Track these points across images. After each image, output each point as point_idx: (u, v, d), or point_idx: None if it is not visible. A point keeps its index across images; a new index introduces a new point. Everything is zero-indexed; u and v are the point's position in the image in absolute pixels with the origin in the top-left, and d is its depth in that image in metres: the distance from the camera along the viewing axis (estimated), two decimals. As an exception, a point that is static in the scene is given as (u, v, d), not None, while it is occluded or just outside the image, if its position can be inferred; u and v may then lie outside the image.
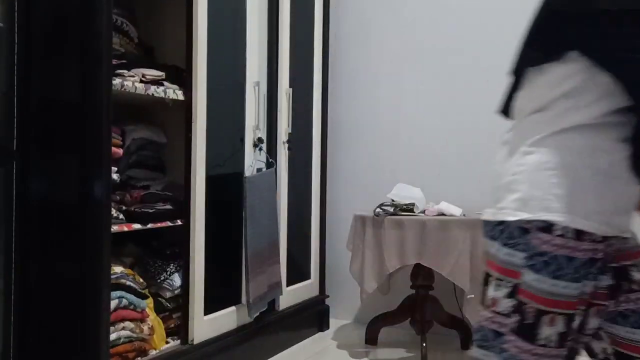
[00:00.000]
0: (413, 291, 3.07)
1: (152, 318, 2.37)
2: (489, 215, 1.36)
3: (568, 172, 1.24)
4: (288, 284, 3.14)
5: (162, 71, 2.45)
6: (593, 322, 1.30)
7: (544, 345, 1.25)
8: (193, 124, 2.45)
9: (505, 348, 1.28)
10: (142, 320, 2.29)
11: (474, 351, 1.38)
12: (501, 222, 1.32)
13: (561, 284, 1.23)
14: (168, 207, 2.49)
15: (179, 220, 2.47)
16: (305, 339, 3.30)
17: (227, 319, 2.67)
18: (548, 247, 1.24)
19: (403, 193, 3.06)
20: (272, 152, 2.98)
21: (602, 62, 1.20)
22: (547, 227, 1.24)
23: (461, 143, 3.39)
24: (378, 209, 2.94)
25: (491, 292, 1.33)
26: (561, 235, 1.23)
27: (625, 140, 1.24)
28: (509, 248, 1.28)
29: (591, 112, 1.24)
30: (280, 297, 3.04)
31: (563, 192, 1.24)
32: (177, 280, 2.56)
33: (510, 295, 1.29)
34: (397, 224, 2.86)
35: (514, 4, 3.27)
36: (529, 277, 1.25)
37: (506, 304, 1.29)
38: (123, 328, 2.20)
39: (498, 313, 1.30)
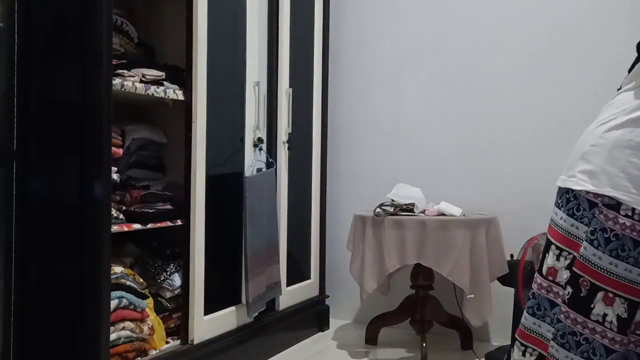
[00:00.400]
0: (413, 291, 3.06)
1: (152, 318, 2.37)
2: (559, 181, 1.36)
3: None
4: (288, 284, 3.14)
5: (162, 71, 2.45)
6: None
7: (599, 322, 1.24)
8: (193, 124, 2.45)
9: (560, 319, 1.29)
10: (142, 320, 2.29)
11: (525, 318, 1.38)
12: (568, 191, 1.31)
13: (622, 265, 1.22)
14: (168, 207, 2.49)
15: (179, 220, 2.47)
16: (305, 339, 3.30)
17: (227, 319, 2.67)
18: (612, 225, 1.23)
19: (403, 193, 3.06)
20: (272, 152, 2.99)
21: None
22: (615, 204, 1.23)
23: (461, 143, 3.39)
24: (378, 209, 2.94)
25: (550, 261, 1.33)
26: (629, 217, 1.22)
27: None
28: (574, 219, 1.29)
29: None
30: (280, 297, 3.04)
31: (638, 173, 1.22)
32: (177, 280, 2.56)
33: (569, 266, 1.29)
34: (397, 224, 2.85)
35: (514, 5, 3.28)
36: (588, 252, 1.25)
37: (564, 275, 1.30)
38: (123, 328, 2.20)
39: (556, 283, 1.31)
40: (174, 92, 2.43)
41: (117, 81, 2.16)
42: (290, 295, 3.16)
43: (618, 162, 1.24)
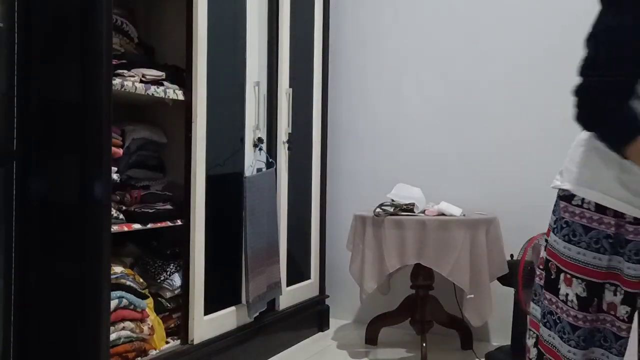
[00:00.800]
0: (413, 291, 3.06)
1: (152, 318, 2.37)
2: None
3: (595, 150, 1.37)
4: (288, 284, 3.14)
5: (162, 71, 2.45)
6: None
7: (564, 302, 1.39)
8: (193, 124, 2.45)
9: (542, 300, 1.45)
10: (142, 320, 2.29)
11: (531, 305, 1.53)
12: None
13: (574, 249, 1.37)
14: (168, 207, 2.49)
15: (179, 220, 2.47)
16: (305, 339, 3.31)
17: (227, 319, 2.67)
18: (564, 214, 1.40)
19: (403, 193, 3.06)
20: (272, 152, 2.99)
21: None
22: (569, 196, 1.40)
23: (461, 143, 3.39)
24: (378, 209, 2.94)
25: (541, 252, 1.50)
26: (579, 205, 1.38)
27: None
28: (553, 214, 1.47)
29: None
30: (280, 297, 3.04)
31: (586, 168, 1.38)
32: (177, 280, 2.56)
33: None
34: (397, 224, 2.86)
35: (514, 5, 3.28)
36: (551, 238, 1.44)
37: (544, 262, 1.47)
38: (123, 328, 2.20)
39: (542, 270, 1.47)
40: (174, 92, 2.43)
41: (117, 81, 2.16)
42: (290, 295, 3.16)
43: (574, 159, 1.42)
